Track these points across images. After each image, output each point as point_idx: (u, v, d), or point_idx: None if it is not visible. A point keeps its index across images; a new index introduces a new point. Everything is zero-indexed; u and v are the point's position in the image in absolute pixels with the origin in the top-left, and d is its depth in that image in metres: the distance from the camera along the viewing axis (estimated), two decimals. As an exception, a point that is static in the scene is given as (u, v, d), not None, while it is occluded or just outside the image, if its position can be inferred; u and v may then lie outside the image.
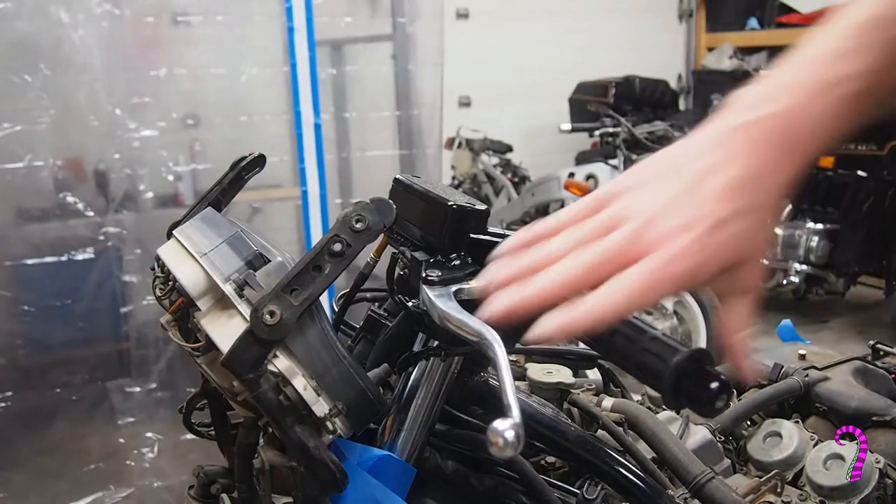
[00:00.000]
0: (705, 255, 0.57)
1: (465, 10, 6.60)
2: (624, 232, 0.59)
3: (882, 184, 4.53)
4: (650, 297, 0.57)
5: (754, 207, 0.59)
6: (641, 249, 0.57)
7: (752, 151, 0.60)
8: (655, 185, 0.61)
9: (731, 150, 0.60)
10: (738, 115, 0.62)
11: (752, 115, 0.61)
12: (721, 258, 0.58)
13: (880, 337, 1.47)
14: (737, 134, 0.61)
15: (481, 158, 6.18)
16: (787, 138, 0.60)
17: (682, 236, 0.57)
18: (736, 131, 0.61)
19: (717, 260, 0.58)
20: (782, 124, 0.60)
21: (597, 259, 0.58)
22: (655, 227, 0.58)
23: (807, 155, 0.61)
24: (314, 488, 0.74)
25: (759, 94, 0.62)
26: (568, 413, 1.08)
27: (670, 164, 0.62)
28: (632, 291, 0.57)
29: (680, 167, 0.61)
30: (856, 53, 0.62)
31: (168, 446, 3.04)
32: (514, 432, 0.56)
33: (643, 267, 0.57)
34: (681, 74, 7.66)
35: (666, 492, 0.89)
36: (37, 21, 2.96)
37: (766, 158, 0.60)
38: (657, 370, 0.59)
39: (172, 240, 0.85)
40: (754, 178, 0.59)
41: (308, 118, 3.09)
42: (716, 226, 0.58)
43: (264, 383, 0.71)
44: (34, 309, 3.10)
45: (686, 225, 0.57)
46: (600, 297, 0.57)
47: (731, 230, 0.58)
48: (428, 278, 0.74)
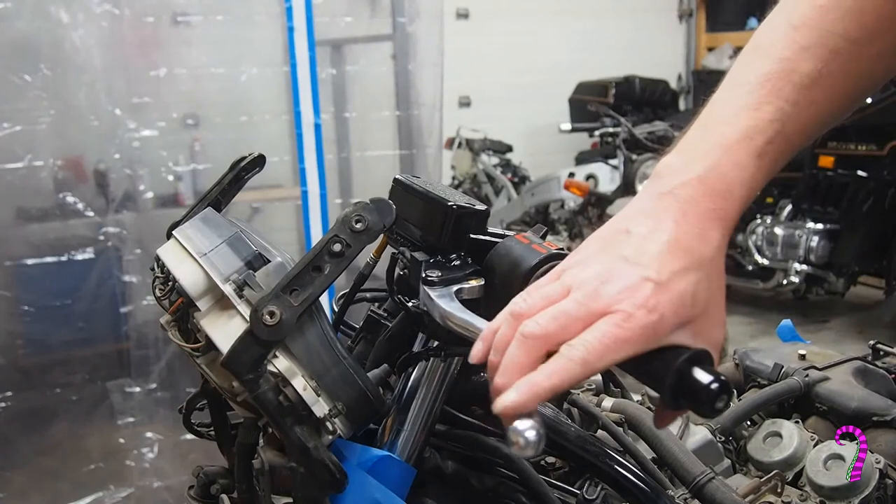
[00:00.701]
0: (660, 311, 0.58)
1: (465, 10, 6.61)
2: (576, 297, 0.60)
3: (882, 184, 4.53)
4: (615, 353, 0.58)
5: (696, 263, 0.61)
6: (600, 309, 0.59)
7: (683, 214, 0.62)
8: (601, 253, 0.63)
9: (664, 214, 0.63)
10: (664, 182, 0.65)
11: (677, 181, 0.64)
12: (677, 313, 0.59)
13: (880, 337, 1.47)
14: (667, 199, 0.63)
15: (481, 158, 6.18)
16: (712, 197, 0.63)
17: (636, 294, 0.58)
18: (665, 197, 0.64)
19: (673, 314, 0.59)
20: (705, 186, 0.63)
21: (559, 319, 0.59)
22: (607, 289, 0.59)
23: (735, 207, 0.65)
24: (314, 488, 0.74)
25: (680, 160, 0.66)
26: (568, 413, 1.08)
27: (612, 233, 0.64)
28: (589, 354, 0.57)
29: (621, 235, 0.63)
30: (759, 106, 0.66)
31: (168, 446, 3.04)
32: (534, 432, 0.56)
33: (605, 325, 0.58)
34: (681, 74, 7.67)
35: (666, 492, 0.88)
36: (37, 21, 2.96)
37: (697, 218, 0.62)
38: (657, 371, 0.59)
39: (172, 240, 0.85)
40: (690, 237, 0.62)
41: (308, 118, 3.09)
42: (664, 283, 0.59)
43: (264, 384, 0.71)
44: (34, 309, 3.10)
45: (636, 285, 0.59)
46: (551, 368, 0.57)
47: (678, 287, 0.60)
48: (428, 278, 0.74)
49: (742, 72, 0.69)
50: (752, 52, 0.70)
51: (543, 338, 0.59)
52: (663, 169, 0.66)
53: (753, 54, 0.70)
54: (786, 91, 0.66)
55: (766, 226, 4.92)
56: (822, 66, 0.66)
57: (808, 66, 0.66)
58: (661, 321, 0.58)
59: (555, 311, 0.60)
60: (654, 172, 0.67)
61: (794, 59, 0.67)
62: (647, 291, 0.58)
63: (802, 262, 4.75)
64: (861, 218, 4.60)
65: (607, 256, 0.62)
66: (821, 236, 4.71)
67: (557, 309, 0.60)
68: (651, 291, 0.58)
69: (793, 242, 4.78)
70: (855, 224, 4.64)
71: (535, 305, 0.61)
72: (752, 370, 1.31)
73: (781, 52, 0.67)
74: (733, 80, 0.69)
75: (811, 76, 0.66)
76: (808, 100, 0.66)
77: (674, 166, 0.65)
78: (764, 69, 0.67)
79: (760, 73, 0.67)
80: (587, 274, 0.61)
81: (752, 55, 0.70)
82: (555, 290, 0.62)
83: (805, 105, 0.66)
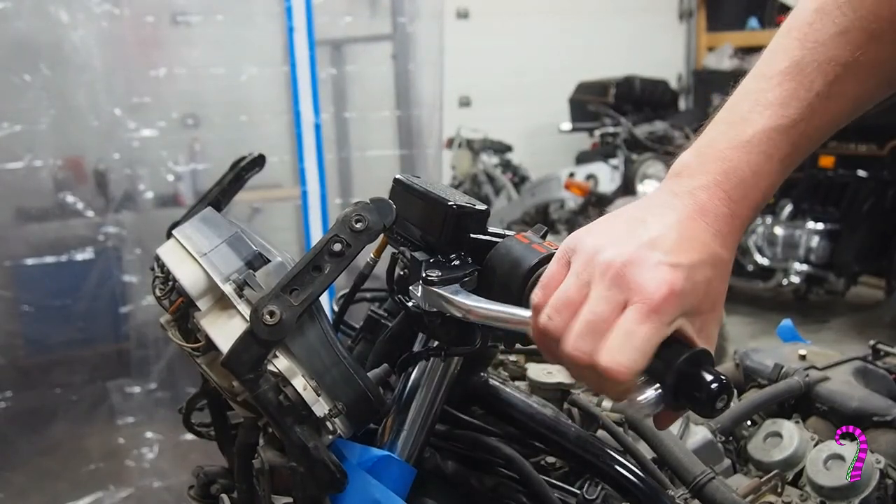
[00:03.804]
0: (683, 294, 0.58)
1: (465, 10, 6.60)
2: (604, 284, 0.59)
3: (882, 184, 4.53)
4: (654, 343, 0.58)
5: (714, 260, 0.61)
6: (626, 298, 0.58)
7: (702, 214, 0.61)
8: (621, 236, 0.61)
9: (683, 210, 0.62)
10: (681, 183, 0.63)
11: (694, 183, 0.63)
12: (692, 300, 0.59)
13: (880, 337, 1.47)
14: (683, 199, 0.62)
15: (481, 158, 6.19)
16: (728, 202, 0.62)
17: (662, 274, 0.58)
18: (681, 197, 0.62)
19: (689, 301, 0.59)
20: (721, 190, 0.62)
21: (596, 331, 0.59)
22: (632, 271, 0.59)
23: (750, 212, 0.63)
24: (314, 488, 0.74)
25: (698, 159, 0.64)
26: (568, 413, 1.07)
27: (629, 220, 0.63)
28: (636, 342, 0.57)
29: (638, 222, 0.62)
30: (785, 103, 0.62)
31: (168, 446, 3.04)
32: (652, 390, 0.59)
33: (633, 315, 0.58)
34: (681, 74, 7.66)
35: (666, 492, 0.88)
36: (37, 21, 2.96)
37: (713, 220, 0.61)
38: (657, 370, 0.59)
39: (172, 240, 0.85)
40: (706, 235, 0.61)
41: (308, 118, 3.09)
42: (687, 269, 0.59)
43: (264, 383, 0.71)
44: (34, 309, 3.09)
45: (659, 267, 0.58)
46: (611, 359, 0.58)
47: (699, 276, 0.59)
48: (428, 278, 0.74)
49: (772, 59, 0.65)
50: (785, 35, 0.65)
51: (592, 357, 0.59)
52: (681, 168, 0.64)
53: (786, 38, 0.65)
54: (817, 84, 0.62)
55: (766, 226, 4.92)
56: (859, 54, 0.62)
57: (845, 55, 0.62)
58: (681, 303, 0.58)
59: (589, 323, 0.59)
60: (671, 171, 0.65)
61: (829, 45, 0.62)
62: (670, 275, 0.58)
63: (803, 262, 4.75)
64: (861, 218, 4.60)
65: (626, 239, 0.61)
66: (821, 236, 4.71)
67: (590, 320, 0.59)
68: (674, 275, 0.58)
69: (793, 242, 4.78)
70: (855, 224, 4.64)
71: (564, 321, 0.61)
72: (752, 370, 1.31)
73: (816, 36, 0.63)
74: (762, 67, 0.65)
75: (846, 65, 0.62)
76: (840, 92, 0.63)
77: (691, 165, 0.64)
78: (795, 56, 0.63)
79: (791, 60, 0.63)
80: (606, 257, 0.60)
81: (784, 39, 0.65)
82: (574, 288, 0.61)
83: (836, 97, 0.63)
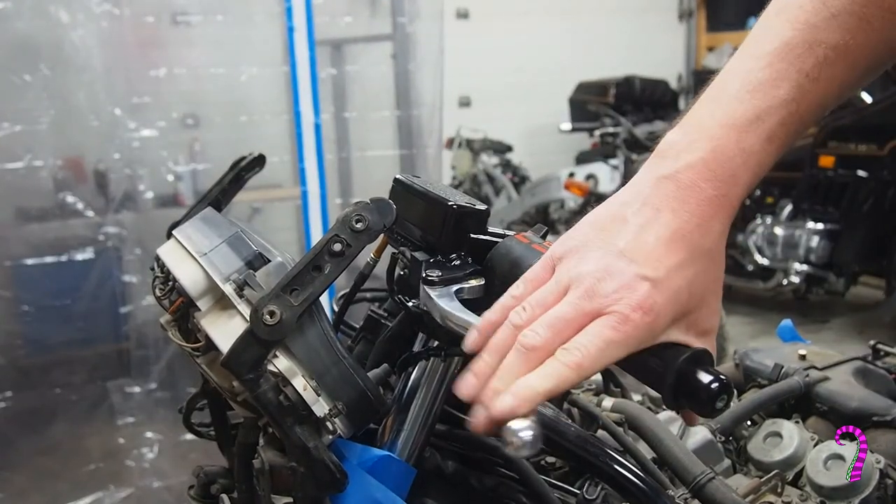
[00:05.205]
0: (655, 311, 0.57)
1: (465, 10, 6.61)
2: (572, 299, 0.58)
3: (882, 184, 4.53)
4: (610, 355, 0.57)
5: (694, 255, 0.59)
6: (595, 309, 0.57)
7: (683, 202, 0.59)
8: (597, 242, 0.60)
9: (664, 202, 0.60)
10: (666, 164, 0.61)
11: (679, 164, 0.60)
12: (672, 310, 0.58)
13: (880, 337, 1.47)
14: (668, 184, 0.60)
15: (481, 158, 6.19)
16: (715, 182, 0.60)
17: (632, 294, 0.57)
18: (666, 181, 0.60)
19: (668, 312, 0.58)
20: (708, 170, 0.60)
21: (556, 326, 0.58)
22: (603, 287, 0.58)
23: (739, 193, 0.61)
24: (314, 488, 0.74)
25: (684, 138, 0.61)
26: (568, 413, 1.08)
27: (609, 219, 0.62)
28: (584, 358, 0.56)
29: (617, 223, 0.61)
30: (775, 83, 0.60)
31: (168, 446, 3.04)
32: (530, 432, 0.56)
33: (599, 327, 0.57)
34: (681, 74, 7.67)
35: (666, 492, 0.88)
36: (37, 21, 2.96)
37: (698, 206, 0.59)
38: (657, 371, 0.59)
39: (172, 240, 0.85)
40: (689, 228, 0.59)
41: (308, 118, 3.09)
42: (661, 280, 0.58)
43: (264, 383, 0.71)
44: (34, 309, 3.10)
45: (632, 283, 0.57)
46: (546, 372, 0.57)
47: (675, 283, 0.58)
48: (428, 278, 0.74)
49: (761, 39, 0.63)
50: (775, 15, 0.63)
51: (543, 348, 0.58)
52: (666, 147, 0.62)
53: (776, 18, 0.63)
54: (807, 66, 0.60)
55: (766, 226, 4.92)
56: (849, 38, 0.60)
57: (835, 38, 0.60)
58: (657, 321, 0.58)
59: (551, 318, 0.59)
60: (657, 150, 0.63)
61: (820, 27, 0.60)
62: (643, 291, 0.57)
63: (802, 262, 4.75)
64: (861, 218, 4.60)
65: (603, 248, 0.60)
66: (821, 236, 4.71)
67: (554, 316, 0.59)
68: (647, 291, 0.57)
69: (793, 242, 4.78)
70: (855, 224, 4.64)
71: (534, 315, 0.60)
72: (752, 370, 1.31)
73: (807, 17, 0.61)
74: (751, 47, 0.63)
75: (837, 49, 0.60)
76: (829, 75, 0.61)
77: (678, 145, 0.61)
78: (785, 37, 0.61)
79: (781, 41, 0.61)
80: (583, 269, 0.59)
81: (774, 19, 0.63)
82: (551, 293, 0.60)
83: (825, 80, 0.61)
